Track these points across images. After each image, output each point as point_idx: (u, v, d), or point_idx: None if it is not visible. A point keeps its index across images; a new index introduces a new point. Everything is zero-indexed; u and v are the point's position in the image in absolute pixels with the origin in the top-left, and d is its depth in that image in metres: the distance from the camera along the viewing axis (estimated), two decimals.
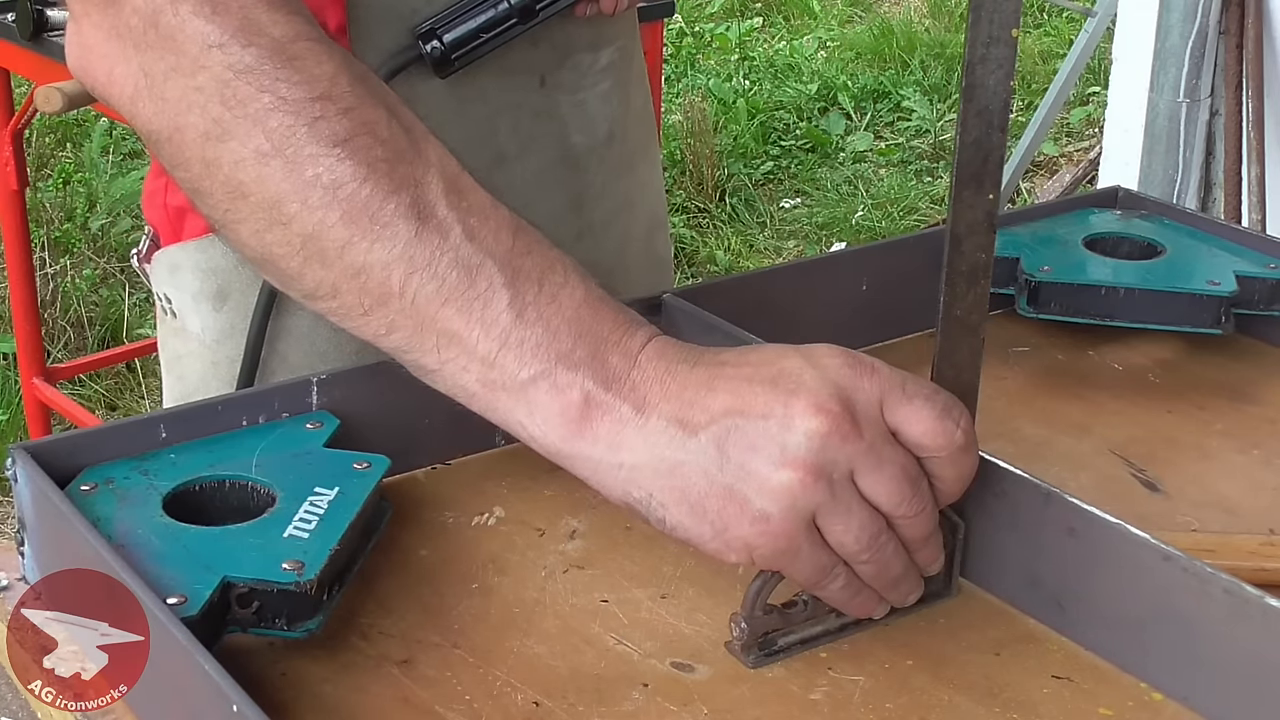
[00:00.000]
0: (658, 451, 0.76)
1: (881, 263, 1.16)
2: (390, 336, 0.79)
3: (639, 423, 0.77)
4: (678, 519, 0.76)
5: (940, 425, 0.78)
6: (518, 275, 0.78)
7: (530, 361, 0.77)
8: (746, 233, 4.47)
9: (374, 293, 0.78)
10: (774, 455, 0.75)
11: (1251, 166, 2.98)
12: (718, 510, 0.76)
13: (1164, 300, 1.12)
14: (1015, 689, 0.79)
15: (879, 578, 0.80)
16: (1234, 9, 2.97)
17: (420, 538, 0.91)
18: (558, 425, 0.77)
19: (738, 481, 0.75)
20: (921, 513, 0.78)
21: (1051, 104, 3.92)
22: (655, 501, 0.77)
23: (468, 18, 1.11)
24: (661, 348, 0.79)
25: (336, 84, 0.79)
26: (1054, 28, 5.71)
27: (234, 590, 0.77)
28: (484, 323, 0.77)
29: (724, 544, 0.76)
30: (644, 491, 0.77)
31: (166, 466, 0.87)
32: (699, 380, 0.77)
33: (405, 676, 0.79)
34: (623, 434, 0.77)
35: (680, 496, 0.76)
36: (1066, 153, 4.84)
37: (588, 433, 0.77)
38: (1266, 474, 1.01)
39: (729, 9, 5.88)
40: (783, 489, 0.75)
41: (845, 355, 0.78)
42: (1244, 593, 0.75)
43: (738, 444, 0.75)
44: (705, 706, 0.77)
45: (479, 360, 0.78)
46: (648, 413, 0.77)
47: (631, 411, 0.77)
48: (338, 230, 0.78)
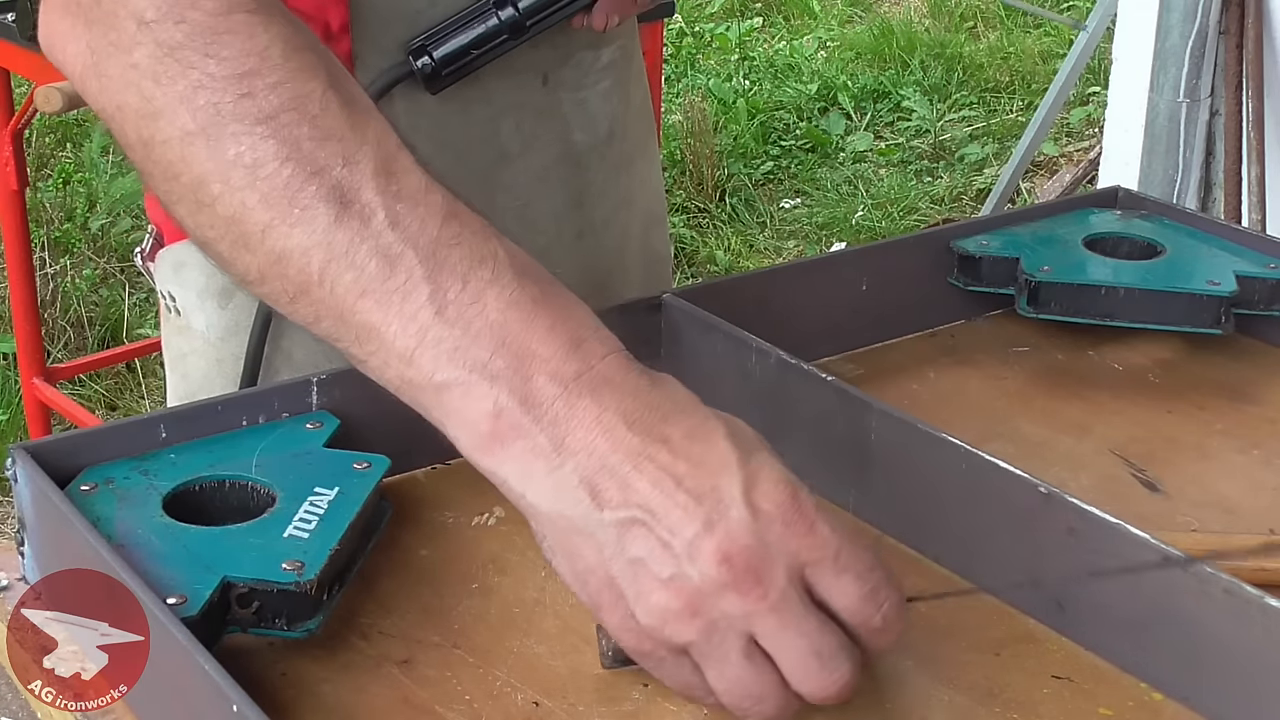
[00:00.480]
0: (561, 508, 0.72)
1: (881, 263, 1.16)
2: (319, 325, 0.76)
3: (552, 464, 0.72)
4: (563, 572, 0.74)
5: (861, 606, 0.72)
6: (440, 268, 0.73)
7: (445, 365, 0.73)
8: (746, 233, 4.47)
9: (295, 280, 0.75)
10: (664, 575, 0.70)
11: (1251, 166, 2.98)
12: (596, 589, 0.73)
13: (1164, 300, 1.12)
14: (1015, 689, 0.79)
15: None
16: (1234, 9, 2.97)
17: (420, 538, 0.91)
18: (470, 435, 0.74)
19: (622, 577, 0.71)
20: (828, 685, 0.72)
21: (1051, 104, 3.92)
22: (547, 544, 0.74)
23: (458, 33, 1.10)
24: (599, 385, 0.73)
25: (268, 58, 0.76)
26: (1054, 28, 5.70)
27: (234, 590, 0.77)
28: (402, 317, 0.73)
29: (595, 614, 0.74)
30: (540, 530, 0.74)
31: (166, 466, 0.87)
32: (629, 449, 0.72)
33: (405, 676, 0.79)
34: (533, 468, 0.72)
35: (569, 557, 0.73)
36: (1066, 153, 4.84)
37: (498, 451, 0.73)
38: (1266, 474, 1.00)
39: (729, 9, 5.87)
40: (658, 610, 0.71)
41: (789, 504, 0.71)
42: (1244, 593, 0.75)
43: (637, 542, 0.71)
44: (705, 706, 0.77)
45: (397, 356, 0.74)
46: (564, 457, 0.72)
47: (548, 445, 0.72)
48: (258, 213, 0.75)
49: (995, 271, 1.16)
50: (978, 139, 4.99)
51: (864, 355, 1.14)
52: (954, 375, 1.11)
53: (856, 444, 0.92)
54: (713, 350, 1.01)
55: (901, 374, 1.11)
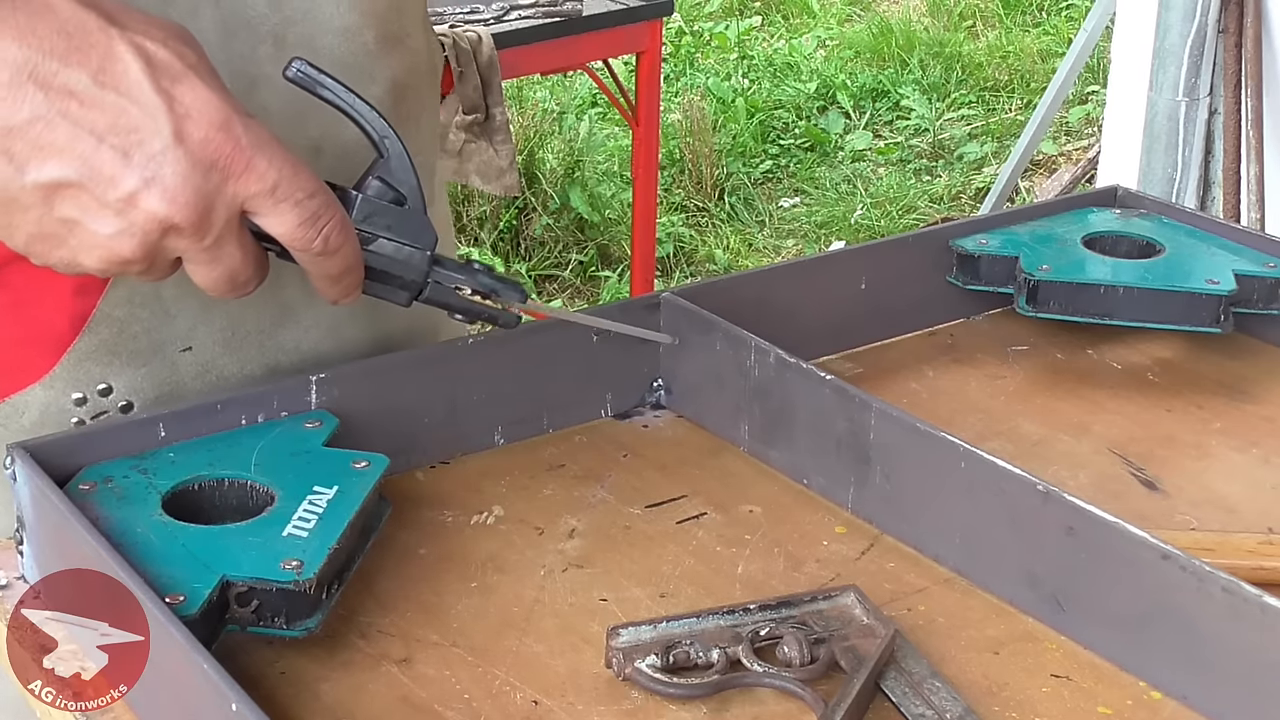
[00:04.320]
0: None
1: (880, 262, 1.16)
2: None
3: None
4: (4, 237, 0.77)
5: (301, 232, 0.78)
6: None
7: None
8: (745, 232, 4.47)
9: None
10: (105, 231, 0.74)
11: (1250, 165, 2.98)
12: (25, 243, 0.76)
13: (1163, 299, 1.12)
14: (1014, 688, 0.79)
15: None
16: (1233, 8, 2.97)
17: (419, 537, 0.91)
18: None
19: (58, 235, 0.75)
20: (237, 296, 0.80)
21: (1050, 103, 3.92)
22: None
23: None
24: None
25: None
26: (1053, 27, 5.71)
27: (233, 589, 0.77)
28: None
29: (33, 260, 0.77)
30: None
31: (165, 465, 0.87)
32: (34, 110, 0.72)
33: (404, 675, 0.79)
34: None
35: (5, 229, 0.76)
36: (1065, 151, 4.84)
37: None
38: (1265, 472, 1.01)
39: (728, 8, 5.88)
40: (104, 259, 0.75)
41: (223, 141, 0.74)
42: (1243, 591, 0.75)
43: (68, 203, 0.74)
44: (705, 706, 0.77)
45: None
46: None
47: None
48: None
49: (994, 270, 1.16)
50: (976, 138, 4.99)
51: (863, 354, 1.14)
52: (953, 374, 1.11)
53: (856, 443, 0.92)
54: (712, 349, 1.01)
55: (901, 373, 1.11)
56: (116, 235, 0.74)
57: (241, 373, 0.99)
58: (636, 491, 0.96)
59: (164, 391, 0.97)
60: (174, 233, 0.75)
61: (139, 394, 0.96)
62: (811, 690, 0.77)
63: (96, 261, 0.76)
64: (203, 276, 0.79)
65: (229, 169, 0.75)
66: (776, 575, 0.88)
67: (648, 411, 1.05)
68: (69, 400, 0.95)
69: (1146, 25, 3.08)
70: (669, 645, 0.78)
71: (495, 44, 2.83)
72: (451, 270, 0.87)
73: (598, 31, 3.04)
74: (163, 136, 0.74)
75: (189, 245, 0.76)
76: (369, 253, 0.84)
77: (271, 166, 0.76)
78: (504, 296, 0.90)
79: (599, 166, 4.56)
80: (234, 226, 0.77)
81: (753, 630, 0.80)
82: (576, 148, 4.48)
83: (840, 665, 0.79)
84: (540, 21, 2.95)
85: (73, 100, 0.73)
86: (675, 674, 0.78)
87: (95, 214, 0.74)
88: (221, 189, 0.75)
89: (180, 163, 0.74)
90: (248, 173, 0.75)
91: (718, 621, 0.81)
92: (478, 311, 0.89)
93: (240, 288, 0.80)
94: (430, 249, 0.86)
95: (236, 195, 0.76)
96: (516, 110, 4.49)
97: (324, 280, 0.82)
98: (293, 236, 0.78)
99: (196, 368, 0.98)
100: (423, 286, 0.86)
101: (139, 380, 0.96)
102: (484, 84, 2.82)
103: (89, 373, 0.95)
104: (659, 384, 1.05)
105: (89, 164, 0.73)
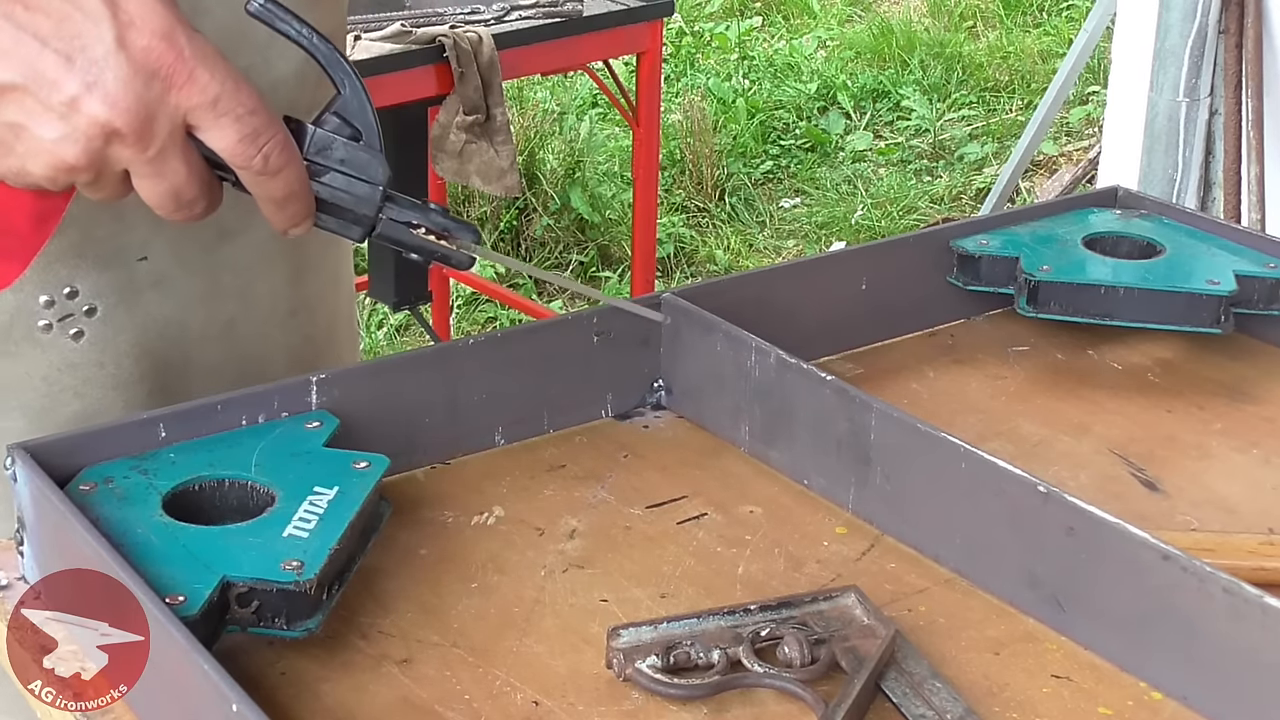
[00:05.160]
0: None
1: (881, 262, 1.16)
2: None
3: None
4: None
5: (241, 148, 0.78)
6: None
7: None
8: (746, 232, 4.47)
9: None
10: (50, 135, 0.75)
11: (1251, 166, 2.98)
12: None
13: (1163, 300, 1.12)
14: (1015, 689, 0.79)
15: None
16: (1233, 8, 2.97)
17: (420, 537, 0.91)
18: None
19: (4, 139, 0.75)
20: (180, 219, 0.80)
21: (1051, 103, 3.92)
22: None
23: None
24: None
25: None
26: (1053, 27, 5.71)
27: (233, 590, 0.77)
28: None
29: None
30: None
31: (166, 466, 0.87)
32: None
33: (405, 676, 0.79)
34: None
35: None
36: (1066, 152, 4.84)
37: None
38: (1266, 473, 1.01)
39: (728, 8, 5.87)
40: (49, 165, 0.76)
41: (166, 51, 0.75)
42: (1243, 592, 0.75)
43: (11, 107, 0.75)
44: (705, 706, 0.77)
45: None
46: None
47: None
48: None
49: (995, 271, 1.16)
50: (977, 138, 4.99)
51: (863, 354, 1.14)
52: (953, 375, 1.11)
53: (856, 443, 0.92)
54: (712, 350, 1.01)
55: (901, 373, 1.11)
56: (60, 140, 0.75)
57: (189, 284, 1.02)
58: (637, 492, 0.96)
59: (124, 298, 0.99)
60: (117, 139, 0.76)
61: (103, 298, 0.99)
62: (812, 691, 0.77)
63: (43, 168, 0.77)
64: (148, 191, 0.79)
65: (171, 78, 0.76)
66: (777, 576, 0.88)
67: (648, 412, 1.05)
68: (37, 304, 0.97)
69: (1147, 26, 3.08)
70: (669, 646, 0.78)
71: (496, 44, 2.83)
72: (405, 208, 0.87)
73: (598, 32, 3.04)
74: (105, 42, 0.74)
75: (133, 155, 0.76)
76: (320, 184, 0.84)
77: (214, 79, 0.76)
78: (457, 235, 0.89)
79: (599, 167, 4.56)
80: (178, 139, 0.77)
81: (753, 631, 0.80)
82: (577, 148, 4.48)
83: (841, 666, 0.79)
84: (541, 22, 2.95)
85: (17, 5, 0.74)
86: (676, 674, 0.77)
87: (39, 118, 0.75)
88: (163, 98, 0.76)
89: (122, 68, 0.75)
90: (189, 83, 0.76)
91: (718, 622, 0.81)
92: (431, 250, 0.88)
93: (186, 207, 0.80)
94: (383, 184, 0.85)
95: (179, 106, 0.76)
96: (517, 111, 4.49)
97: (270, 205, 0.82)
98: (233, 152, 0.78)
99: (152, 278, 1.00)
100: (375, 222, 0.86)
101: (103, 284, 0.99)
102: (484, 84, 2.82)
103: (57, 274, 0.97)
104: (659, 384, 1.05)
105: (33, 67, 0.74)
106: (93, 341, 1.00)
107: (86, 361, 1.00)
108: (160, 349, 1.03)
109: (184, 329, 1.04)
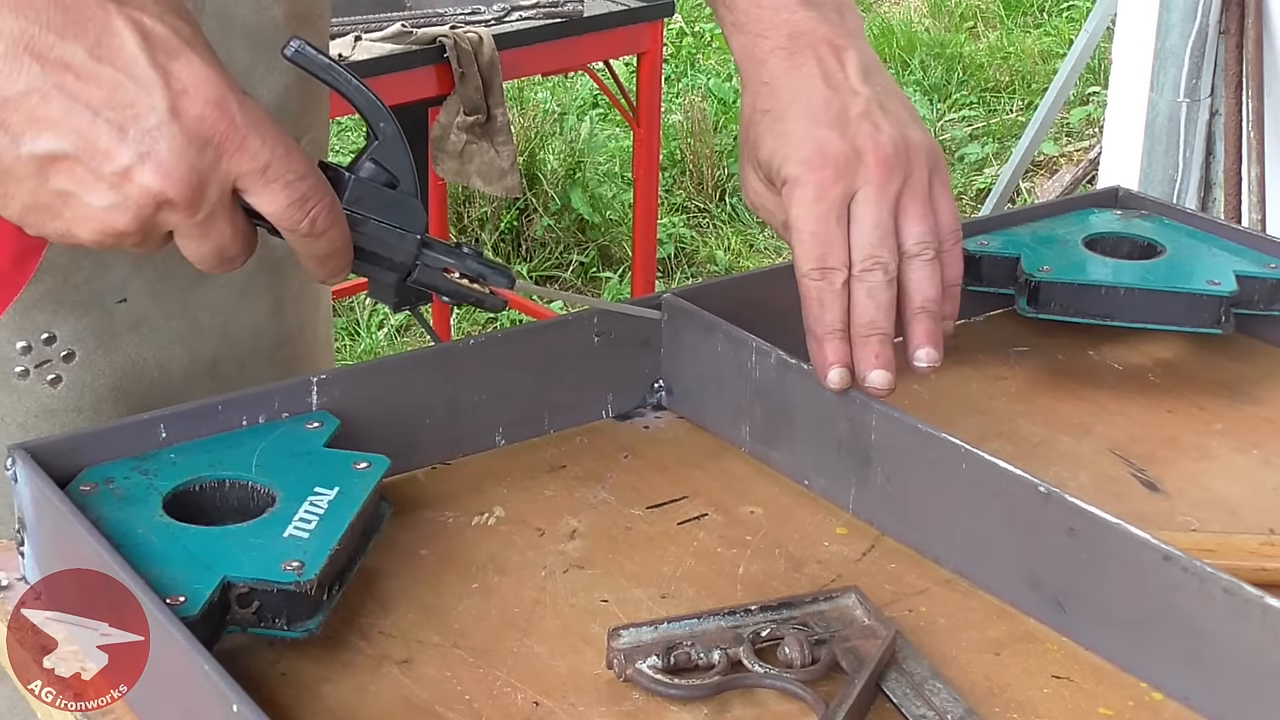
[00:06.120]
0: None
1: None
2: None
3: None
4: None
5: (289, 213, 0.78)
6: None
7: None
8: (746, 232, 4.47)
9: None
10: (101, 204, 0.74)
11: (1251, 166, 2.98)
12: (20, 214, 0.76)
13: (1164, 300, 1.12)
14: (1015, 689, 0.79)
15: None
16: (1234, 9, 2.97)
17: (420, 537, 0.91)
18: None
19: (53, 206, 0.75)
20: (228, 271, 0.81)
21: (1051, 103, 3.92)
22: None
23: None
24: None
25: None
26: (1054, 27, 5.71)
27: (234, 590, 0.77)
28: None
29: (28, 230, 0.77)
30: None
31: (166, 466, 0.87)
32: (30, 81, 0.72)
33: (405, 676, 0.79)
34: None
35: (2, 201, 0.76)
36: (1066, 152, 4.84)
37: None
38: (1266, 473, 1.01)
39: None
40: (98, 231, 0.75)
41: (217, 119, 0.75)
42: (1244, 592, 0.75)
43: (62, 175, 0.74)
44: (705, 707, 0.77)
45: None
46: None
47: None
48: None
49: (995, 271, 1.16)
50: (978, 139, 4.99)
51: None
52: (954, 375, 1.11)
53: (857, 444, 0.92)
54: (713, 350, 1.01)
55: (901, 373, 1.11)
56: (111, 209, 0.75)
57: (168, 325, 1.02)
58: (637, 492, 0.96)
59: (102, 341, 0.99)
60: (168, 207, 0.75)
61: (81, 342, 0.99)
62: (812, 691, 0.77)
63: (91, 234, 0.76)
64: (193, 250, 0.79)
65: (223, 146, 0.75)
66: (777, 576, 0.88)
67: (649, 412, 1.05)
68: (14, 350, 0.97)
69: (1147, 26, 3.08)
70: (670, 646, 0.78)
71: (496, 45, 2.83)
72: (441, 253, 0.87)
73: (599, 32, 3.04)
74: (158, 112, 0.74)
75: (182, 220, 0.76)
76: (359, 234, 0.84)
77: (265, 146, 0.76)
78: (491, 281, 0.89)
79: (600, 167, 4.56)
80: (226, 203, 0.77)
81: (754, 631, 0.80)
82: (577, 149, 4.48)
83: (841, 666, 0.79)
84: (541, 22, 2.95)
85: (69, 73, 0.73)
86: (676, 675, 0.77)
87: (90, 187, 0.74)
88: (215, 166, 0.75)
89: (175, 138, 0.74)
90: (241, 151, 0.76)
91: (719, 622, 0.81)
92: (465, 295, 0.89)
93: (229, 262, 0.80)
94: (420, 233, 0.86)
95: (229, 173, 0.76)
96: (518, 111, 4.50)
97: (311, 260, 0.83)
98: (281, 216, 0.78)
99: (130, 320, 1.00)
100: (411, 268, 0.87)
101: (81, 328, 0.99)
102: (485, 85, 2.82)
103: (34, 320, 0.97)
104: (660, 385, 1.05)
105: (84, 137, 0.73)
106: (70, 387, 1.00)
107: (64, 407, 1.00)
108: (139, 391, 1.03)
109: (164, 370, 1.04)
